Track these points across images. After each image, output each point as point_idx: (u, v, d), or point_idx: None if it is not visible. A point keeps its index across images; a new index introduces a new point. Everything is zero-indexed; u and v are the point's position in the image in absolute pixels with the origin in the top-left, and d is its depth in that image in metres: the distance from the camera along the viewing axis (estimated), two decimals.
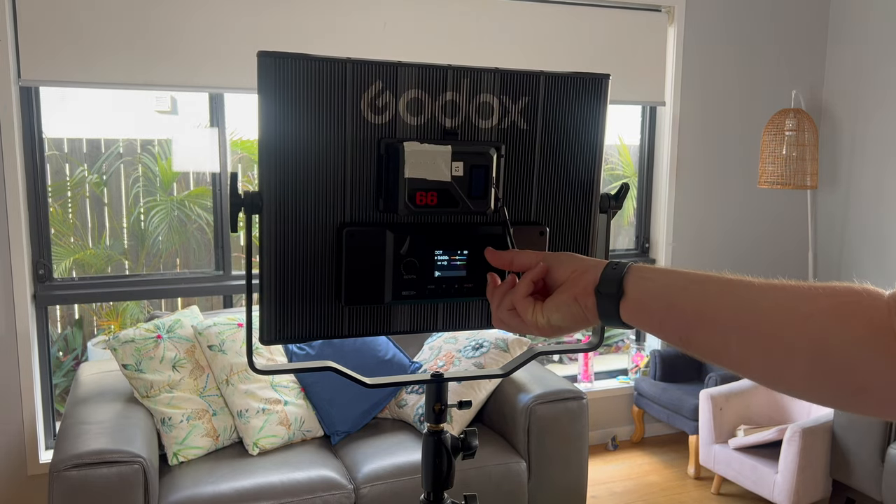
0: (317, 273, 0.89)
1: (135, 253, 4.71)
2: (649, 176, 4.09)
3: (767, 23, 4.05)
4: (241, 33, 3.11)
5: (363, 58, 0.86)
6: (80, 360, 4.45)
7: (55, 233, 4.36)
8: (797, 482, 2.97)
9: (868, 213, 3.98)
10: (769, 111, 4.05)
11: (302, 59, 0.83)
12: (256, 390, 2.77)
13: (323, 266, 0.88)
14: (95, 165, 4.59)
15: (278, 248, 0.87)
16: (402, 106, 0.87)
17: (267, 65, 0.82)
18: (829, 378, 0.62)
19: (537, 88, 0.95)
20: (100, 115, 4.84)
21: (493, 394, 2.97)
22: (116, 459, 2.26)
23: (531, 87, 0.95)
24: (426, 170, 0.85)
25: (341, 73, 0.85)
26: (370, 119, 0.86)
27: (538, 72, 0.96)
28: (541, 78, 0.96)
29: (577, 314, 0.77)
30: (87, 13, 2.90)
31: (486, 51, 3.49)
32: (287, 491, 2.48)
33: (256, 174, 0.93)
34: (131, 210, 4.69)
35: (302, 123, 0.85)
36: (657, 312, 0.72)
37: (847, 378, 0.61)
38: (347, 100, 0.85)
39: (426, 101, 0.89)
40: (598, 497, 3.40)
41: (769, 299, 0.67)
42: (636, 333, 4.25)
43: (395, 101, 0.87)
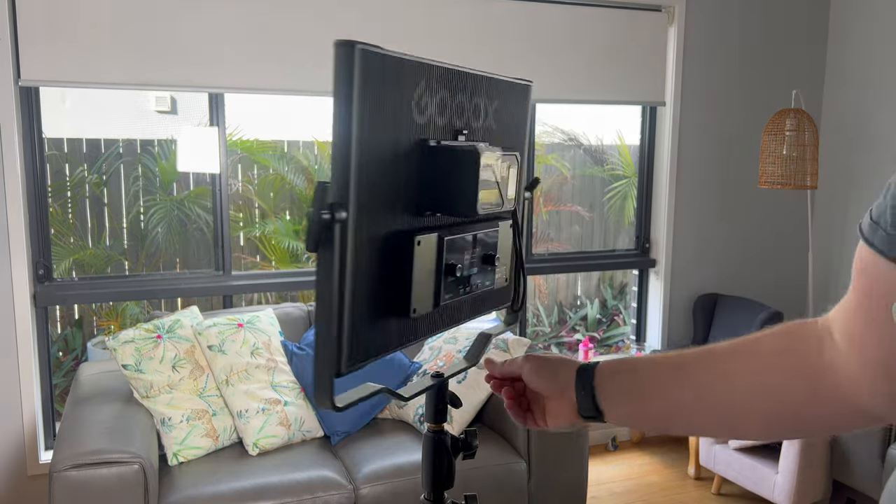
0: (383, 285, 0.82)
1: (135, 253, 4.71)
2: (649, 176, 4.09)
3: (767, 23, 4.05)
4: (241, 33, 3.11)
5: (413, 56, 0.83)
6: (80, 360, 4.45)
7: (55, 233, 4.36)
8: (797, 482, 2.97)
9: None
10: (769, 111, 4.05)
11: (377, 52, 0.77)
12: (256, 390, 2.77)
13: (389, 277, 0.82)
14: (95, 165, 4.59)
15: (357, 262, 0.78)
16: (434, 106, 0.87)
17: (346, 56, 0.74)
18: (781, 430, 0.81)
19: (499, 92, 1.00)
20: (100, 115, 4.84)
21: (494, 394, 2.96)
22: (116, 459, 2.26)
23: (499, 90, 1.00)
24: (488, 173, 0.88)
25: (402, 68, 0.82)
26: (415, 118, 0.84)
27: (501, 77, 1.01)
28: (502, 83, 1.00)
29: (578, 424, 0.92)
30: (87, 13, 2.90)
31: (486, 50, 3.49)
32: (287, 491, 2.48)
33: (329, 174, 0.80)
34: (131, 210, 4.69)
35: (374, 121, 0.78)
36: (636, 422, 0.89)
37: (794, 425, 0.76)
38: (405, 97, 0.82)
39: (449, 102, 0.89)
40: (598, 497, 3.40)
41: (725, 385, 0.78)
42: (636, 333, 4.25)
43: (432, 101, 0.86)
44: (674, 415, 0.82)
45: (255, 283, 3.51)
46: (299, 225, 5.14)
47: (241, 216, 5.02)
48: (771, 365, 0.73)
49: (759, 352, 0.75)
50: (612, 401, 0.85)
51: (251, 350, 2.83)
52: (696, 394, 0.79)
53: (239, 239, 5.00)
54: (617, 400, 0.85)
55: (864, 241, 0.63)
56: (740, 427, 0.79)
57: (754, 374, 0.75)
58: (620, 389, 0.85)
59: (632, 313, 4.29)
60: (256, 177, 5.14)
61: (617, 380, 0.85)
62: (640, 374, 0.84)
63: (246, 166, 5.07)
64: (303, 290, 4.26)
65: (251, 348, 2.83)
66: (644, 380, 0.83)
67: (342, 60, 0.74)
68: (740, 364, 0.76)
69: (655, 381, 0.82)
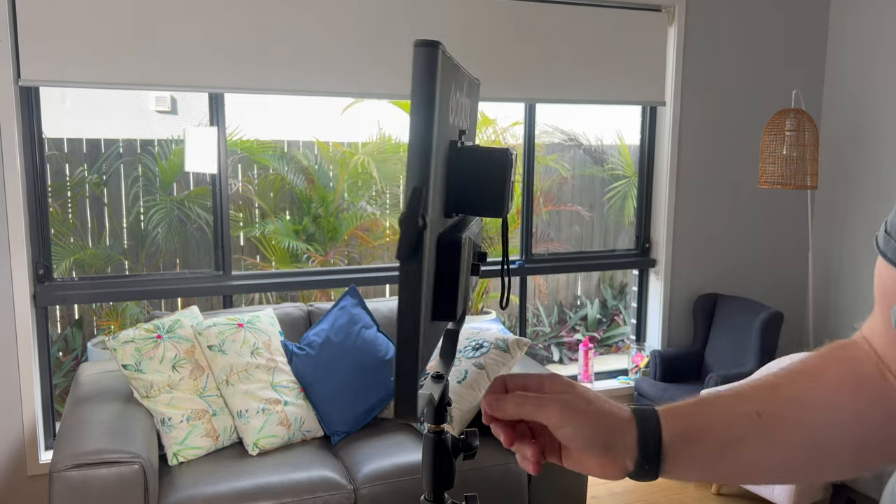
0: (438, 291, 0.79)
1: (135, 253, 4.71)
2: (649, 176, 4.09)
3: (767, 23, 4.05)
4: (241, 33, 3.11)
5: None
6: (80, 360, 4.45)
7: (55, 233, 4.36)
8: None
9: (868, 213, 3.98)
10: (769, 111, 4.05)
11: (447, 54, 0.76)
12: (256, 390, 2.77)
13: (439, 282, 0.80)
14: (95, 165, 4.59)
15: (429, 270, 0.75)
16: (457, 107, 0.87)
17: (430, 56, 0.73)
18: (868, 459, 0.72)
19: (473, 89, 1.02)
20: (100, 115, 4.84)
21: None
22: (116, 459, 2.26)
23: (473, 87, 1.00)
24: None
25: (453, 70, 0.82)
26: (450, 119, 0.84)
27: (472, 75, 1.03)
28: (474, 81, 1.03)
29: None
30: (87, 13, 2.90)
31: (486, 51, 3.49)
32: (287, 491, 2.48)
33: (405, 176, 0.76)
34: (131, 210, 4.69)
35: (439, 123, 0.77)
36: (704, 480, 0.78)
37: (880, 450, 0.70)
38: (451, 99, 0.81)
39: (461, 103, 0.90)
40: (598, 497, 3.40)
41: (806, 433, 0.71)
42: (636, 333, 4.25)
43: (458, 102, 0.86)
44: (753, 474, 0.75)
45: (255, 283, 3.51)
46: (299, 225, 5.14)
47: (241, 216, 5.02)
48: (849, 398, 0.70)
49: (829, 385, 0.71)
50: (680, 470, 0.72)
51: (251, 350, 2.83)
52: (779, 450, 0.71)
53: (239, 239, 5.00)
54: (686, 470, 0.73)
55: (880, 254, 0.67)
56: (830, 468, 0.73)
57: (833, 410, 0.70)
58: (692, 460, 0.72)
59: (632, 313, 4.30)
60: (256, 177, 5.14)
61: (689, 451, 0.71)
62: (716, 437, 0.71)
63: (246, 166, 5.07)
64: (303, 290, 4.26)
65: (251, 348, 2.83)
66: (720, 444, 0.71)
67: (426, 61, 0.73)
68: (816, 404, 0.71)
69: (733, 443, 0.71)
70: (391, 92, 3.54)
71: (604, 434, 0.70)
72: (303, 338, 3.05)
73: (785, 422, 0.70)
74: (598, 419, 0.70)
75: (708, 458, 0.71)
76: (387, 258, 5.39)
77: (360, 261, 5.33)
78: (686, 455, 0.70)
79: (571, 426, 0.69)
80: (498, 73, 3.53)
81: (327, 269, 4.70)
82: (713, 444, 0.71)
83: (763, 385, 0.72)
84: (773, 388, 0.71)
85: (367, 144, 5.34)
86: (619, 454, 0.70)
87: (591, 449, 0.70)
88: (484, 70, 3.49)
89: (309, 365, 2.92)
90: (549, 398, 0.70)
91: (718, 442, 0.71)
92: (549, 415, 0.70)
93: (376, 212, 5.39)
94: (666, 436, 0.70)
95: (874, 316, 0.71)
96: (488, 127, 5.43)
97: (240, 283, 3.43)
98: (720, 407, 0.72)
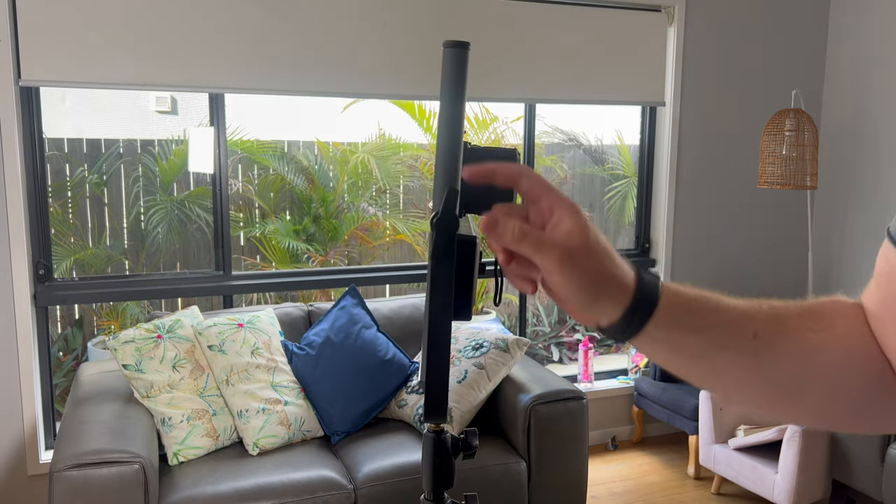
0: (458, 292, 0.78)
1: (135, 253, 4.72)
2: (649, 176, 4.09)
3: (767, 23, 4.05)
4: (241, 33, 3.11)
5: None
6: (80, 360, 4.45)
7: (55, 233, 4.36)
8: (797, 482, 2.97)
9: (868, 213, 3.98)
10: (769, 111, 4.05)
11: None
12: (256, 390, 2.77)
13: (458, 283, 0.81)
14: (96, 165, 4.59)
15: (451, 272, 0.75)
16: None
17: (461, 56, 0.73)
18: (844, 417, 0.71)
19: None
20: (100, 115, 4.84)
21: (493, 394, 2.97)
22: (116, 459, 2.26)
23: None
24: None
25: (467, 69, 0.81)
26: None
27: None
28: None
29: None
30: (87, 13, 2.90)
31: (486, 51, 3.49)
32: (287, 491, 2.48)
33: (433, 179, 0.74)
34: (131, 210, 4.69)
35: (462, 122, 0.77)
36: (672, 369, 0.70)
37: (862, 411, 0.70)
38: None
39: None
40: (598, 497, 3.40)
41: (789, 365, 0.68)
42: None
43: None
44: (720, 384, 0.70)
45: (255, 283, 3.51)
46: (299, 225, 5.14)
47: (241, 216, 5.02)
48: (849, 352, 0.68)
49: (836, 334, 0.68)
50: (648, 351, 0.68)
51: (251, 350, 2.83)
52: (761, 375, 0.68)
53: (239, 239, 5.00)
54: (656, 354, 0.68)
55: (891, 242, 0.67)
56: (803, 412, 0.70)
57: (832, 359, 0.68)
58: (668, 346, 0.67)
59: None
60: (256, 177, 5.14)
61: (669, 338, 0.67)
62: (702, 338, 0.67)
63: (246, 166, 5.08)
64: (303, 289, 4.26)
65: (251, 348, 2.83)
66: (704, 345, 0.67)
67: (456, 61, 0.72)
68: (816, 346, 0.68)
69: (716, 351, 0.67)
70: (391, 92, 3.54)
71: (594, 288, 0.64)
72: (303, 338, 3.05)
73: (780, 352, 0.67)
74: (596, 274, 0.64)
75: (685, 354, 0.67)
76: (387, 258, 5.39)
77: (360, 261, 5.33)
78: (663, 340, 0.66)
79: (562, 277, 0.63)
80: (498, 73, 3.53)
81: (327, 269, 4.70)
82: (696, 343, 0.66)
83: (769, 311, 0.68)
84: (778, 318, 0.68)
85: (367, 144, 5.34)
86: (599, 316, 0.65)
87: (573, 303, 0.65)
88: (484, 70, 3.49)
89: (309, 365, 2.92)
90: (551, 242, 0.63)
91: (703, 343, 0.66)
92: (544, 258, 0.63)
93: (378, 213, 5.39)
94: (654, 320, 0.65)
95: (869, 289, 0.71)
96: (488, 126, 5.43)
97: (240, 283, 3.43)
98: (721, 312, 0.67)
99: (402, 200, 5.48)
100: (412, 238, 5.23)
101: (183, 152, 4.67)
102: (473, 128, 5.39)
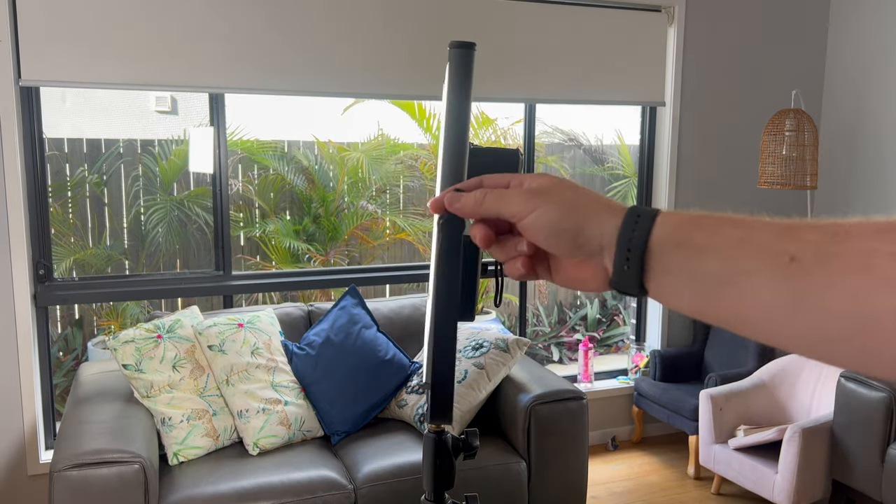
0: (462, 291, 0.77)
1: (135, 253, 4.72)
2: (649, 176, 4.09)
3: (767, 23, 4.05)
4: (241, 33, 3.11)
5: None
6: (80, 360, 4.45)
7: (55, 233, 4.36)
8: (797, 482, 2.97)
9: (868, 213, 3.98)
10: (769, 111, 4.05)
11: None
12: (256, 390, 2.77)
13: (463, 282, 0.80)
14: (96, 165, 4.59)
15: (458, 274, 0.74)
16: None
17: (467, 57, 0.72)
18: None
19: None
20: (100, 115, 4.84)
21: (493, 394, 2.97)
22: (116, 459, 2.26)
23: None
24: None
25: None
26: None
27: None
28: None
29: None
30: (87, 13, 2.90)
31: (486, 51, 3.49)
32: (287, 491, 2.48)
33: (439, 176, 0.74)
34: (131, 210, 4.69)
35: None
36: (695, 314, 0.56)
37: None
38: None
39: None
40: (598, 497, 3.40)
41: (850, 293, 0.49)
42: (636, 333, 4.25)
43: None
44: (748, 322, 0.53)
45: (256, 283, 3.51)
46: (299, 225, 5.14)
47: (241, 216, 5.02)
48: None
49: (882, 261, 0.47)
50: (667, 288, 0.56)
51: (251, 350, 2.83)
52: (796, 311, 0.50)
53: (239, 239, 5.00)
54: (676, 288, 0.56)
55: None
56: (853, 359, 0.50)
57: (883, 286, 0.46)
58: (684, 276, 0.55)
59: (631, 313, 4.30)
60: (256, 177, 5.14)
61: (682, 263, 0.55)
62: (721, 259, 0.53)
63: (246, 166, 5.08)
64: (303, 289, 4.26)
65: (251, 348, 2.83)
66: (725, 270, 0.53)
67: (462, 62, 0.71)
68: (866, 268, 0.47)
69: (740, 276, 0.53)
70: (391, 92, 3.54)
71: (576, 218, 0.57)
72: (303, 338, 3.05)
73: (828, 283, 0.49)
74: (574, 204, 0.57)
75: (705, 285, 0.54)
76: (387, 258, 5.39)
77: (360, 261, 5.33)
78: (677, 267, 0.55)
79: (537, 213, 0.57)
80: (498, 73, 3.53)
81: (327, 269, 4.70)
82: (713, 268, 0.54)
83: (825, 228, 0.50)
84: (835, 237, 0.50)
85: (365, 144, 5.34)
86: (595, 248, 0.57)
87: (560, 239, 0.57)
88: (484, 70, 3.48)
89: (309, 365, 2.92)
90: (514, 188, 0.59)
91: (722, 267, 0.53)
92: (510, 204, 0.58)
93: (378, 210, 5.39)
94: (658, 234, 0.55)
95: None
96: (488, 127, 5.43)
97: (240, 283, 3.43)
98: (743, 229, 0.54)
99: (402, 199, 5.48)
100: (413, 236, 5.23)
101: (183, 152, 4.67)
102: (474, 128, 5.40)
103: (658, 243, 0.55)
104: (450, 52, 0.72)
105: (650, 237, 0.55)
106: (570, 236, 0.57)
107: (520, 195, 0.58)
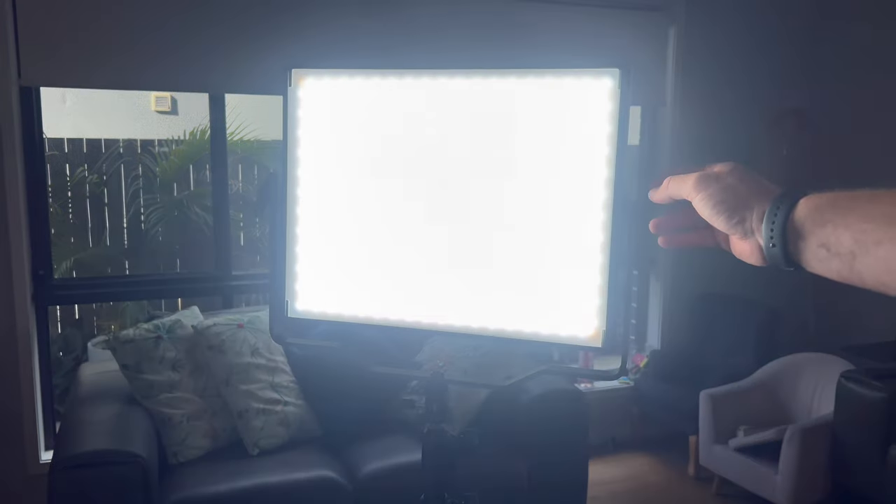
0: None
1: (135, 253, 4.71)
2: (649, 176, 4.09)
3: (767, 23, 4.05)
4: (241, 33, 3.11)
5: None
6: (80, 360, 4.44)
7: (55, 233, 4.36)
8: (797, 482, 2.97)
9: None
10: (769, 111, 4.05)
11: None
12: (256, 390, 2.76)
13: None
14: (95, 165, 4.59)
15: None
16: None
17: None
18: None
19: None
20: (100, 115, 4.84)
21: (493, 394, 2.96)
22: (116, 459, 2.26)
23: None
24: None
25: None
26: None
27: None
28: None
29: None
30: (87, 14, 2.90)
31: (486, 51, 3.49)
32: (287, 491, 2.47)
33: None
34: (130, 210, 4.69)
35: None
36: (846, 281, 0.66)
37: None
38: None
39: None
40: (598, 497, 3.39)
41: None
42: (636, 333, 4.25)
43: None
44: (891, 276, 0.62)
45: (256, 283, 3.51)
46: None
47: (241, 216, 5.02)
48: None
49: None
50: (816, 262, 0.67)
51: (251, 350, 2.82)
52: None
53: (239, 239, 5.00)
54: (824, 262, 0.66)
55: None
56: None
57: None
58: (825, 250, 0.65)
59: (631, 313, 4.30)
60: (257, 177, 5.14)
61: (821, 236, 0.66)
62: (852, 229, 0.64)
63: (246, 166, 5.07)
64: None
65: (251, 348, 2.83)
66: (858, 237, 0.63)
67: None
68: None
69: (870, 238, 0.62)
70: None
71: (733, 199, 0.70)
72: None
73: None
74: (735, 187, 0.70)
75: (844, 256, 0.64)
76: None
77: None
78: (818, 243, 0.65)
79: (702, 195, 0.70)
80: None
81: None
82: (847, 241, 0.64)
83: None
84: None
85: None
86: (748, 229, 0.70)
87: (719, 218, 0.70)
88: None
89: (309, 365, 2.92)
90: (694, 174, 0.72)
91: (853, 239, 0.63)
92: (686, 186, 0.72)
93: None
94: (799, 216, 0.67)
95: None
96: None
97: (240, 283, 3.43)
98: (870, 204, 0.65)
99: None
100: None
101: (183, 152, 4.67)
102: None
103: (799, 224, 0.66)
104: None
105: (789, 220, 0.66)
106: (726, 217, 0.70)
107: (694, 179, 0.71)
